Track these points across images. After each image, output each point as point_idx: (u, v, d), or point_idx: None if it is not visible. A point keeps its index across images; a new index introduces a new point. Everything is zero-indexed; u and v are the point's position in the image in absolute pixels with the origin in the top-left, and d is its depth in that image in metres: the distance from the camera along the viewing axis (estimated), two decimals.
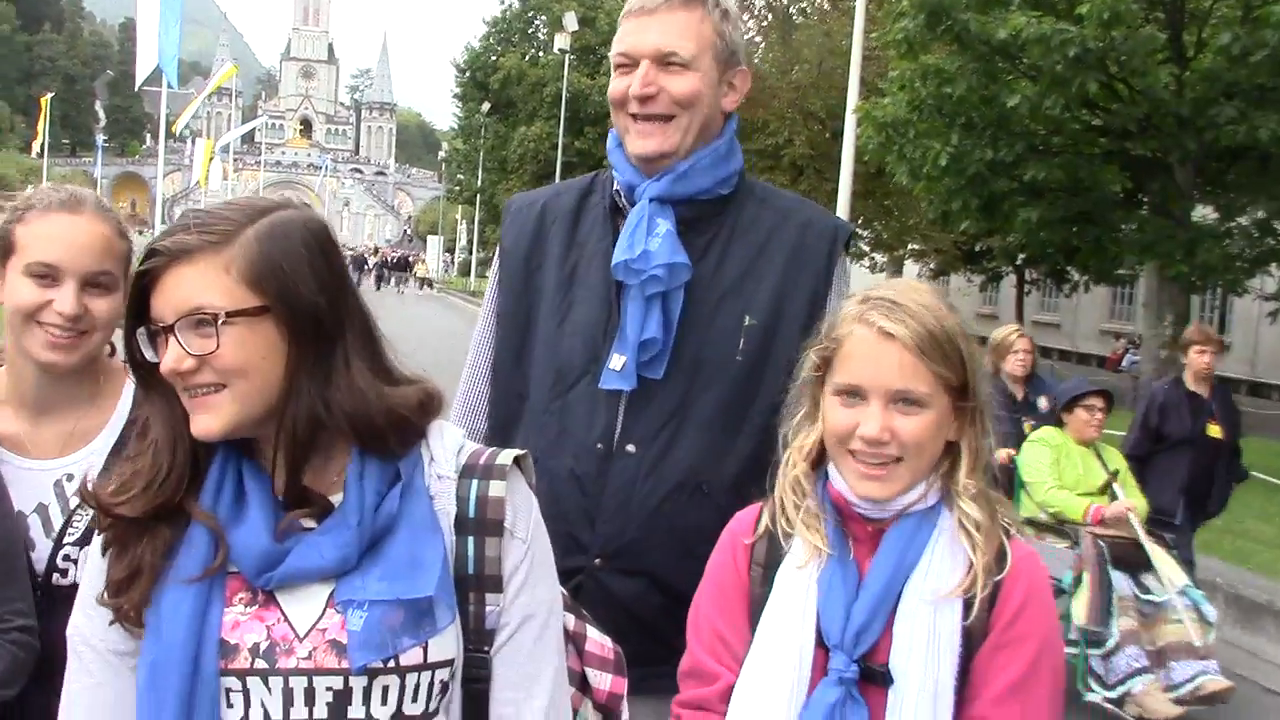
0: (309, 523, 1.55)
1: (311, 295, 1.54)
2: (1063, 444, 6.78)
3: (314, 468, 1.57)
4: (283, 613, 1.52)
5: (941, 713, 1.76)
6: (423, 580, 1.51)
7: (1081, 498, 6.59)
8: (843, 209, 16.67)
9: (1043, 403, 7.43)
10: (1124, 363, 31.86)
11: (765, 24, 30.59)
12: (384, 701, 1.51)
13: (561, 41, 42.45)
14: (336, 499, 1.56)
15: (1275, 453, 18.56)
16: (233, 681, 1.50)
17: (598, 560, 2.25)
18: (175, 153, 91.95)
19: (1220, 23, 14.32)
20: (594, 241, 2.39)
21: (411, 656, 1.51)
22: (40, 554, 2.07)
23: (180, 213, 1.60)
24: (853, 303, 1.91)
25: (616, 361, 2.25)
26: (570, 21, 41.66)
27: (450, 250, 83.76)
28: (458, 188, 68.07)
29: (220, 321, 1.48)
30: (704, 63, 2.30)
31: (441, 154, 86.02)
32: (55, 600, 1.99)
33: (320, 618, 1.52)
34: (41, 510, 2.09)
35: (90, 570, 1.61)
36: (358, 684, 1.50)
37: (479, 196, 59.23)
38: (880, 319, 1.83)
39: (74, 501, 2.08)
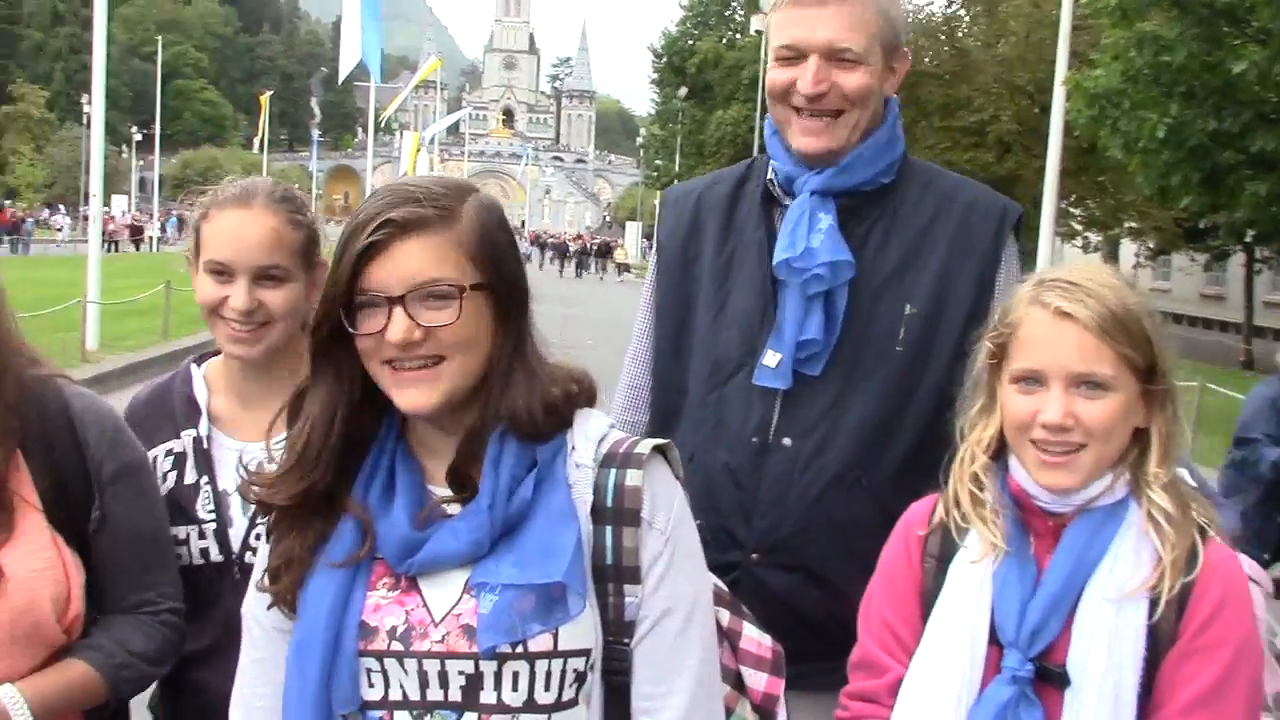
0: (454, 509, 1.57)
1: (515, 274, 1.60)
2: None
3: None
4: (422, 598, 1.54)
5: (1123, 718, 1.66)
6: (553, 566, 1.49)
7: None
8: (1051, 186, 16.03)
9: None
10: None
11: None
12: (514, 688, 1.51)
13: (758, 23, 42.13)
14: None
15: None
16: (371, 662, 1.53)
17: (754, 555, 2.18)
18: (385, 145, 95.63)
19: None
20: (750, 231, 2.32)
21: (541, 643, 1.51)
22: (237, 531, 2.16)
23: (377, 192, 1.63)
24: (1027, 285, 1.82)
25: (771, 358, 2.19)
26: (767, 2, 41.34)
27: (649, 236, 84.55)
28: (655, 173, 68.66)
29: (462, 294, 1.52)
30: (874, 55, 2.20)
31: (640, 140, 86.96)
32: (247, 576, 2.07)
33: (457, 603, 1.53)
34: None
35: (260, 554, 1.68)
36: (488, 668, 1.51)
37: (676, 181, 59.50)
38: (1057, 299, 1.73)
39: None
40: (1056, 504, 1.76)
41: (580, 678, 1.54)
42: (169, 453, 2.20)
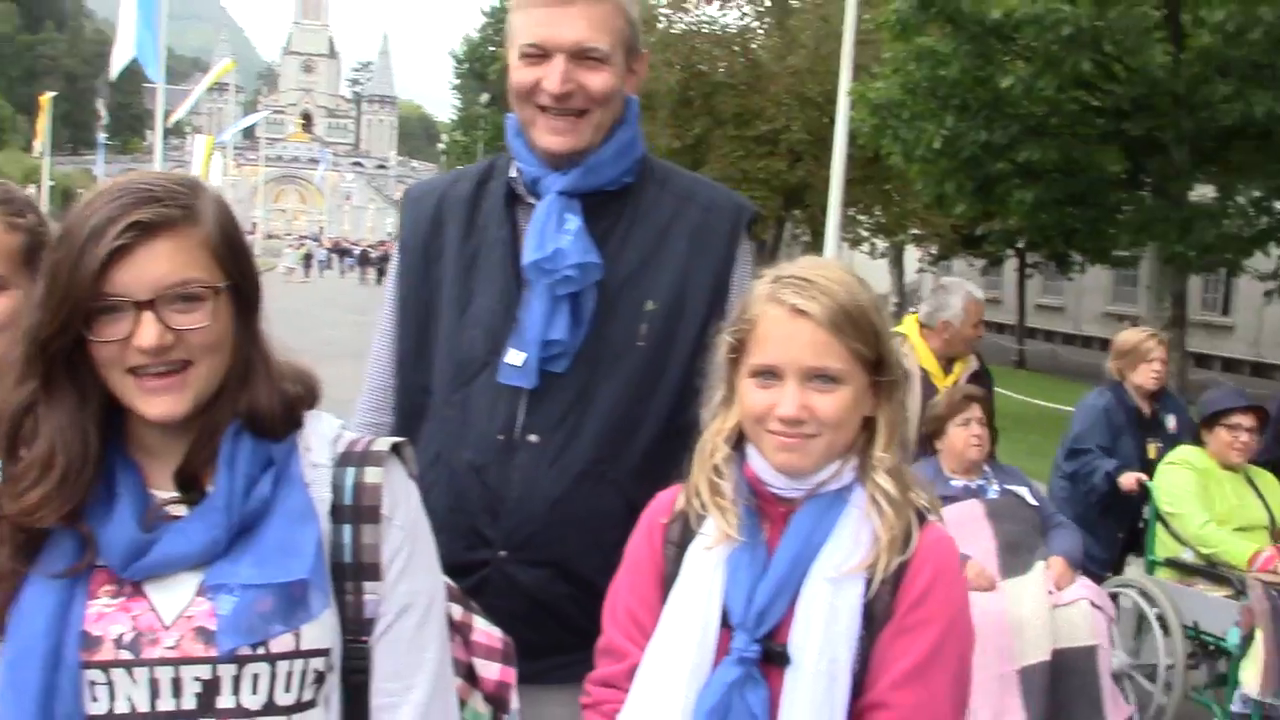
0: (179, 510, 1.52)
1: (253, 270, 1.58)
2: (1208, 467, 5.60)
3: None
4: (150, 603, 1.48)
5: (838, 694, 1.72)
6: (295, 564, 1.47)
7: (1238, 535, 5.39)
8: (835, 192, 16.57)
9: (1171, 422, 6.19)
10: None
11: (762, 9, 30.53)
12: (254, 690, 1.47)
13: None
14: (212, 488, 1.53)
15: None
16: (96, 674, 1.45)
17: (503, 552, 2.19)
18: (176, 149, 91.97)
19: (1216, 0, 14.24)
20: (493, 230, 2.32)
21: (283, 644, 1.48)
22: None
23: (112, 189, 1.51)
24: (764, 282, 1.86)
25: (515, 357, 2.20)
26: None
27: None
28: None
29: (215, 296, 1.50)
30: (618, 55, 2.23)
31: (442, 146, 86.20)
32: None
33: (188, 606, 1.48)
34: None
35: None
36: (226, 672, 1.46)
37: None
38: (792, 297, 1.79)
39: None
40: (788, 489, 1.82)
41: (320, 678, 1.52)
42: None
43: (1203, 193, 17.38)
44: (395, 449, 1.65)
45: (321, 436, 1.61)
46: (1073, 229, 18.36)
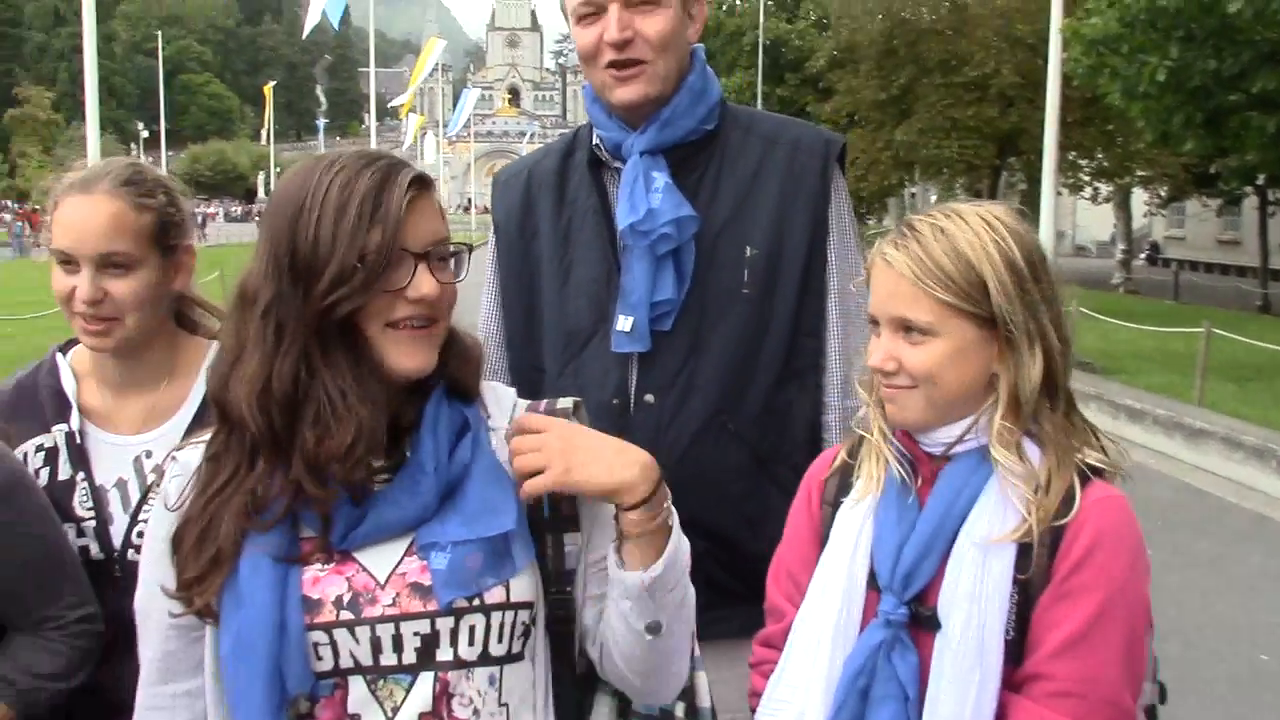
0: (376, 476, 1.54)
1: None
2: None
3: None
4: (359, 565, 1.52)
5: (989, 664, 1.62)
6: (499, 519, 1.51)
7: None
8: (1050, 137, 15.86)
9: None
10: None
11: None
12: (471, 642, 1.52)
13: None
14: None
15: None
16: (319, 635, 1.49)
17: None
18: (392, 129, 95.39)
19: None
20: (583, 199, 2.34)
21: (495, 595, 1.52)
22: (118, 528, 2.09)
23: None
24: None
25: (624, 323, 2.21)
26: None
27: None
28: None
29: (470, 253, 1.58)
30: None
31: None
32: (130, 574, 1.95)
33: (398, 565, 1.52)
34: (121, 485, 2.11)
35: (154, 549, 1.58)
36: (444, 625, 1.50)
37: None
38: (886, 245, 1.75)
39: (151, 478, 2.09)
40: (926, 444, 1.76)
41: (526, 631, 1.57)
42: (40, 449, 2.12)
43: None
44: (575, 407, 1.68)
45: (500, 403, 1.67)
46: None
